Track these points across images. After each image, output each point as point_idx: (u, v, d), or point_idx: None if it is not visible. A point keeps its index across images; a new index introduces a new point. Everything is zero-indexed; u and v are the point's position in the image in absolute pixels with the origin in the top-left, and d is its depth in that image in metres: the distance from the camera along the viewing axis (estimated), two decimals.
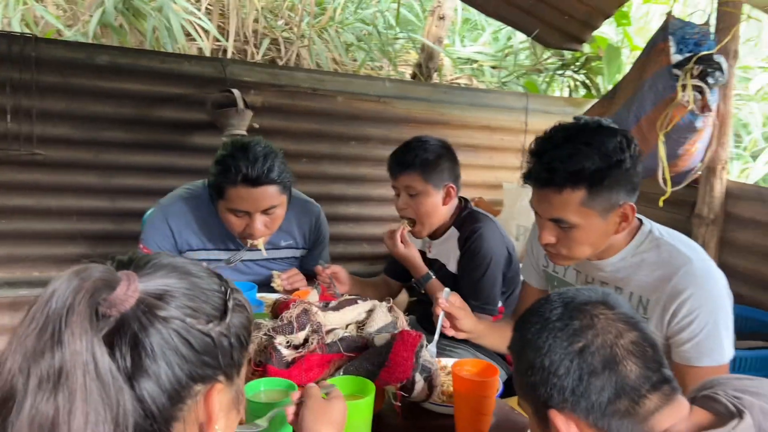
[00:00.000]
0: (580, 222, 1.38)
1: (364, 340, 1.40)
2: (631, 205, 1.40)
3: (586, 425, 0.88)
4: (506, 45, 5.20)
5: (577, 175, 1.34)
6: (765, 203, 2.56)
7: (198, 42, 3.95)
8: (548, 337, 0.90)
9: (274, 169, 1.83)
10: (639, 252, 1.47)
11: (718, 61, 2.35)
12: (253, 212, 1.86)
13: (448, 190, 2.02)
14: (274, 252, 2.11)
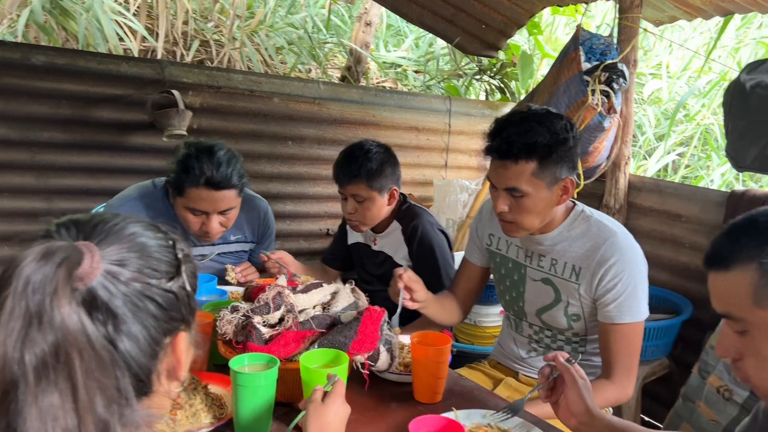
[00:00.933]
0: (530, 191, 1.61)
1: (332, 318, 1.56)
2: (571, 180, 1.66)
3: None
4: (428, 51, 5.45)
5: (531, 148, 1.58)
6: (662, 194, 2.91)
7: (126, 43, 3.93)
8: None
9: (235, 175, 1.94)
10: (573, 227, 1.73)
11: (621, 68, 2.67)
12: (211, 213, 1.95)
13: (392, 193, 2.18)
14: (225, 246, 2.21)
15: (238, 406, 1.31)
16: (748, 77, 2.36)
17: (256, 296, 1.56)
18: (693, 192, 2.84)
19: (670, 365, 2.77)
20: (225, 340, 1.50)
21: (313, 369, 1.33)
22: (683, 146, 5.09)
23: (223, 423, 1.35)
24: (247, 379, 1.30)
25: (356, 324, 1.48)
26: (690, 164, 5.13)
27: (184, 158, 1.92)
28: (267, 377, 1.31)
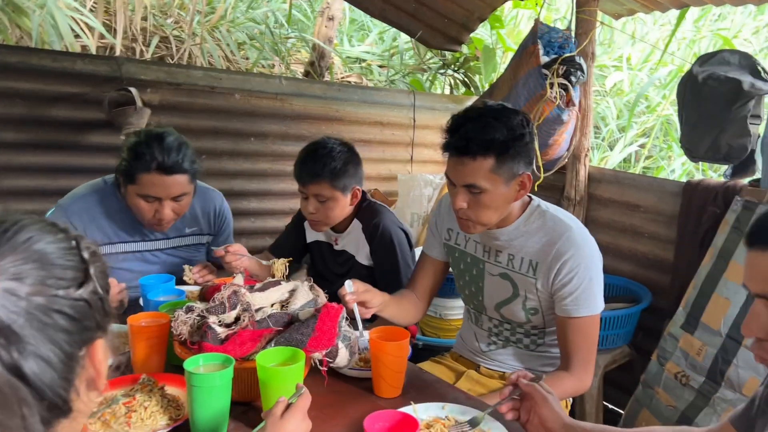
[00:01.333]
0: (488, 187, 1.62)
1: (290, 315, 1.55)
2: (528, 175, 1.67)
3: None
4: (392, 45, 5.45)
5: (489, 144, 1.58)
6: (621, 185, 2.96)
7: (83, 40, 3.85)
8: None
9: (186, 159, 1.95)
10: (529, 222, 1.74)
11: (579, 62, 2.70)
12: (164, 198, 1.95)
13: (355, 192, 2.14)
14: (181, 239, 2.20)
15: (194, 407, 1.29)
16: (701, 69, 2.41)
17: (211, 296, 1.55)
18: (650, 183, 2.89)
19: (631, 353, 2.82)
20: (180, 341, 1.48)
21: (270, 368, 1.33)
22: (645, 137, 5.18)
23: (179, 424, 1.34)
24: (202, 380, 1.29)
25: (313, 321, 1.48)
26: (652, 155, 5.23)
27: (134, 145, 1.92)
28: (222, 377, 1.30)
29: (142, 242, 2.13)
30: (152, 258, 2.17)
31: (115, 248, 2.08)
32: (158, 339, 1.57)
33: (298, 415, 1.14)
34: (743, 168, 2.47)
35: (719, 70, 2.37)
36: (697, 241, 2.49)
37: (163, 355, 1.60)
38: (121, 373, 1.57)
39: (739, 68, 2.37)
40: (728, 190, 2.41)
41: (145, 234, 2.11)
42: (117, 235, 2.08)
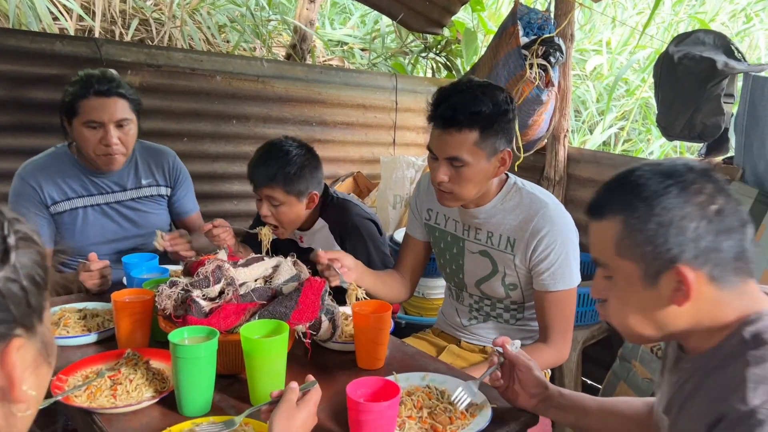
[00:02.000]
0: (471, 160, 1.64)
1: (274, 290, 1.57)
2: (508, 152, 1.70)
3: (706, 279, 0.93)
4: (374, 28, 5.44)
5: (475, 116, 1.60)
6: (599, 165, 3.01)
7: (62, 22, 3.80)
8: (687, 200, 0.93)
9: (122, 85, 2.06)
10: (506, 200, 1.77)
11: (558, 42, 2.73)
12: (107, 122, 2.02)
13: (312, 197, 2.05)
14: (138, 191, 2.24)
15: (179, 379, 1.31)
16: (676, 49, 2.45)
17: (195, 270, 1.56)
18: (628, 162, 2.94)
19: (609, 328, 2.88)
20: (165, 315, 1.50)
21: (254, 339, 1.35)
22: (624, 120, 5.25)
23: (164, 396, 1.36)
24: (187, 351, 1.30)
25: (297, 294, 1.50)
26: (631, 138, 5.30)
27: (73, 82, 2.05)
28: (207, 349, 1.32)
29: (99, 195, 2.18)
30: (113, 213, 2.21)
31: (73, 203, 2.14)
32: (142, 315, 1.59)
33: (312, 407, 1.15)
34: (717, 146, 2.52)
35: (694, 49, 2.41)
36: None
37: (147, 331, 1.61)
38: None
39: (713, 48, 2.41)
40: None
41: (102, 187, 2.17)
42: (73, 190, 2.14)
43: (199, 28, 4.50)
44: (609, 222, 1.00)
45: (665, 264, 0.94)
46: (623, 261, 0.99)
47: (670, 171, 0.97)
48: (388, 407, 1.16)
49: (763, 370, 0.86)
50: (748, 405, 0.83)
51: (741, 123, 2.24)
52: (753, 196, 2.19)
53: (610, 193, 1.03)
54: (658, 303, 0.98)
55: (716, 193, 0.95)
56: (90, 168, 2.15)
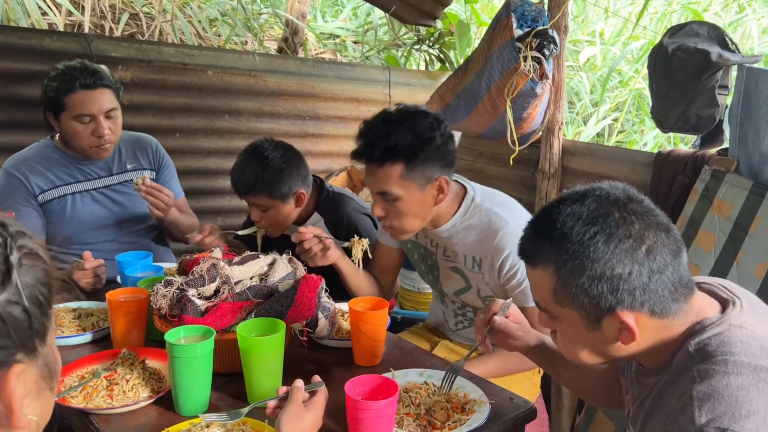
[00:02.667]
0: (401, 194, 1.59)
1: (270, 287, 1.56)
2: (445, 178, 1.62)
3: (648, 316, 0.95)
4: (366, 21, 5.41)
5: (393, 150, 1.55)
6: (593, 157, 3.00)
7: (51, 17, 3.76)
8: (615, 247, 0.92)
9: (104, 76, 2.08)
10: (465, 219, 1.71)
11: (552, 35, 2.71)
12: (97, 114, 2.05)
13: (299, 196, 2.04)
14: (124, 175, 2.27)
15: (176, 379, 1.31)
16: (670, 41, 2.44)
17: (190, 269, 1.55)
18: (622, 154, 2.93)
19: None
20: (160, 315, 1.49)
21: (251, 338, 1.35)
22: (618, 111, 5.24)
23: (161, 396, 1.36)
24: (183, 351, 1.30)
25: (293, 292, 1.50)
26: (625, 129, 5.30)
27: (53, 77, 2.04)
28: (203, 348, 1.32)
29: (86, 182, 2.20)
30: (102, 197, 2.22)
31: (61, 191, 2.15)
32: (137, 314, 1.58)
33: (320, 409, 1.16)
34: (712, 138, 2.51)
35: (688, 41, 2.40)
36: (667, 210, 2.49)
37: (143, 330, 1.61)
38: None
39: (707, 40, 2.40)
40: (697, 160, 2.46)
41: (88, 173, 2.20)
42: (60, 178, 2.15)
43: (189, 22, 4.46)
44: (541, 271, 1.00)
45: (604, 312, 0.95)
46: (563, 308, 0.99)
47: (594, 216, 0.94)
48: (386, 405, 1.16)
49: (708, 386, 0.86)
50: (695, 425, 0.83)
51: (735, 114, 2.23)
52: (748, 188, 2.19)
53: (537, 241, 1.02)
54: (605, 341, 0.99)
55: (643, 230, 0.93)
56: (74, 156, 2.18)
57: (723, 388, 0.85)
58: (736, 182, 2.24)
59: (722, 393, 0.85)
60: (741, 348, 0.90)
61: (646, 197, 1.00)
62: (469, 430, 1.26)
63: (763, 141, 2.14)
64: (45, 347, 0.63)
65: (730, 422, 0.82)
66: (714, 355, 0.90)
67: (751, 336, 0.92)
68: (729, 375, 0.86)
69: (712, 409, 0.84)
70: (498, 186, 1.91)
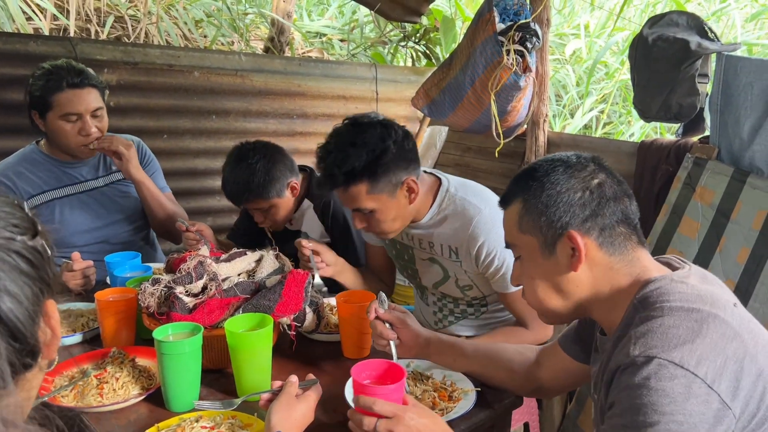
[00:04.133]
0: (376, 206, 1.62)
1: (257, 283, 1.58)
2: (412, 179, 1.65)
3: (595, 245, 1.05)
4: (352, 19, 5.42)
5: (352, 174, 1.58)
6: (579, 148, 3.00)
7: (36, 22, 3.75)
8: (572, 175, 1.06)
9: (91, 75, 2.08)
10: (441, 210, 1.74)
11: (534, 28, 2.74)
12: (84, 113, 2.05)
13: (292, 186, 2.09)
14: (111, 176, 2.29)
15: (165, 375, 1.32)
16: (650, 31, 2.47)
17: (177, 267, 1.56)
18: (607, 145, 2.97)
19: None
20: (149, 313, 1.50)
21: (239, 333, 1.36)
22: (605, 103, 5.28)
23: (151, 393, 1.37)
24: (171, 347, 1.31)
25: (280, 287, 1.51)
26: (612, 120, 5.33)
27: (40, 74, 2.05)
28: (191, 344, 1.33)
29: (73, 185, 2.21)
30: (90, 200, 2.23)
31: (48, 195, 2.16)
32: (126, 313, 1.59)
33: (312, 403, 1.18)
34: (693, 126, 2.55)
35: (668, 31, 2.43)
36: (652, 199, 2.57)
37: (132, 329, 1.62)
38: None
39: (687, 29, 2.44)
40: (680, 148, 2.50)
41: (75, 177, 2.21)
42: (47, 183, 2.16)
43: (175, 23, 4.46)
44: (513, 206, 1.14)
45: (558, 232, 1.06)
46: (525, 236, 1.11)
47: (560, 157, 1.11)
48: (394, 390, 1.14)
49: (644, 327, 0.95)
50: (629, 356, 0.92)
51: (715, 102, 2.27)
52: (729, 174, 2.22)
53: (513, 184, 1.15)
54: (558, 270, 1.08)
55: (598, 170, 1.08)
56: (60, 160, 2.19)
57: (656, 327, 0.94)
58: (717, 169, 2.27)
59: (655, 331, 0.93)
60: (677, 296, 0.98)
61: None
62: (456, 416, 1.27)
63: (743, 128, 2.17)
64: (55, 292, 0.73)
65: (658, 352, 0.90)
66: (653, 304, 0.99)
67: (690, 288, 1.00)
68: (663, 317, 0.95)
69: (644, 344, 0.92)
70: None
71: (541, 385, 1.39)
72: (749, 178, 2.15)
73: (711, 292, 1.00)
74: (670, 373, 0.88)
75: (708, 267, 2.21)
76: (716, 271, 2.18)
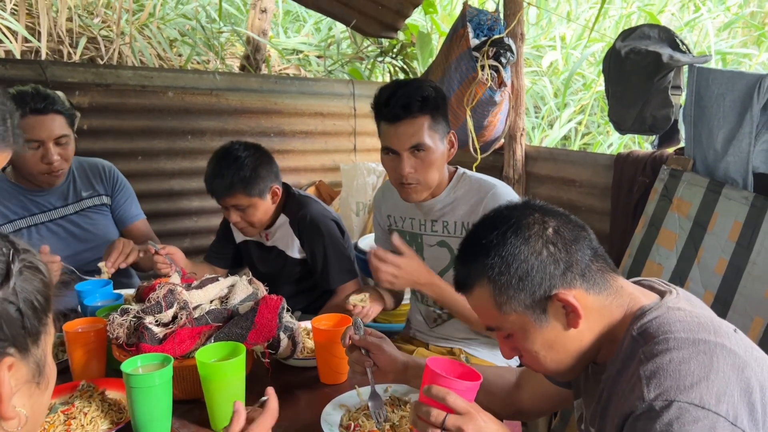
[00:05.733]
0: (431, 144, 1.73)
1: (230, 311, 1.54)
2: (453, 132, 1.81)
3: (583, 293, 1.00)
4: (328, 35, 5.41)
5: (426, 101, 1.71)
6: (556, 161, 3.04)
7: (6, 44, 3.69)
8: (527, 238, 1.00)
9: (57, 102, 2.04)
10: (457, 188, 1.86)
11: (508, 43, 2.75)
12: (47, 140, 2.01)
13: (274, 191, 2.10)
14: (80, 203, 2.24)
15: (135, 408, 1.28)
16: (623, 44, 2.49)
17: (146, 296, 1.52)
18: (583, 157, 2.97)
19: None
20: (118, 344, 1.46)
21: (210, 363, 1.32)
22: (583, 114, 5.31)
23: (121, 427, 1.33)
24: (140, 380, 1.27)
25: (252, 314, 1.48)
26: (591, 130, 5.36)
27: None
28: (161, 376, 1.29)
29: (41, 214, 2.16)
30: (59, 229, 2.18)
31: (15, 225, 2.11)
32: (96, 344, 1.54)
33: (268, 419, 1.07)
34: (668, 138, 2.56)
35: (640, 44, 2.45)
36: (629, 211, 2.58)
37: (103, 360, 1.57)
38: None
39: (658, 41, 2.45)
40: (656, 160, 2.50)
41: (43, 205, 2.16)
42: (14, 212, 2.12)
43: (149, 43, 4.42)
44: (479, 290, 1.05)
45: (544, 299, 1.00)
46: (509, 316, 1.03)
47: (497, 220, 1.04)
48: (470, 388, 1.08)
49: (653, 364, 0.91)
50: (645, 401, 0.88)
51: (689, 114, 2.28)
52: (704, 186, 2.23)
53: (464, 265, 1.07)
54: (557, 333, 1.02)
55: (544, 216, 1.03)
56: (27, 187, 2.14)
57: (666, 364, 0.89)
58: (693, 180, 2.28)
59: (666, 368, 0.89)
60: (679, 326, 0.94)
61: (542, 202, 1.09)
62: None
63: (717, 139, 2.18)
64: (38, 350, 0.71)
65: (676, 394, 0.86)
66: (656, 336, 0.95)
67: (688, 315, 0.97)
68: (671, 351, 0.91)
69: (658, 385, 0.88)
70: None
71: (521, 408, 1.37)
72: (724, 189, 2.15)
73: (710, 318, 0.98)
74: (692, 416, 0.84)
75: (687, 278, 2.21)
76: (695, 282, 2.18)
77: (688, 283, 2.20)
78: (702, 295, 2.13)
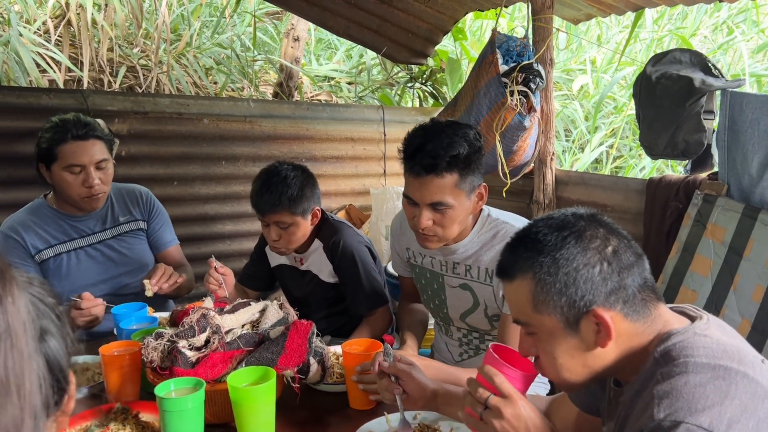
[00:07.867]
0: (454, 203, 1.63)
1: (261, 335, 1.57)
2: (484, 185, 1.71)
3: (621, 317, 1.00)
4: (359, 62, 5.50)
5: (454, 160, 1.60)
6: (587, 186, 3.02)
7: (50, 74, 3.85)
8: (585, 248, 0.99)
9: (97, 128, 2.12)
10: (482, 233, 1.77)
11: (537, 68, 2.76)
12: (88, 165, 2.08)
13: (315, 213, 2.14)
14: (118, 228, 2.30)
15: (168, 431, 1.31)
16: (654, 69, 2.48)
17: (180, 320, 1.56)
18: (615, 182, 2.95)
19: None
20: (152, 368, 1.49)
21: (241, 388, 1.35)
22: (614, 137, 5.27)
23: None
24: (173, 404, 1.30)
25: (283, 339, 1.50)
26: (622, 154, 5.31)
27: (48, 128, 2.10)
28: (193, 400, 1.32)
29: (80, 239, 2.22)
30: (96, 253, 2.24)
31: (56, 249, 2.18)
32: (131, 367, 1.58)
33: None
34: (701, 163, 2.53)
35: (671, 68, 2.44)
36: (663, 237, 2.54)
37: (137, 383, 1.61)
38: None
39: (690, 66, 2.44)
40: (689, 185, 2.47)
41: (82, 230, 2.22)
42: (54, 237, 2.18)
43: (186, 71, 4.55)
44: (520, 281, 1.05)
45: (581, 311, 0.99)
46: (542, 316, 1.03)
47: (563, 223, 1.03)
48: (521, 377, 1.12)
49: (668, 385, 0.90)
50: (654, 420, 0.87)
51: (722, 139, 2.25)
52: (740, 211, 2.19)
53: (514, 254, 1.08)
54: (583, 347, 1.02)
55: (608, 234, 1.02)
56: (68, 213, 2.21)
57: (681, 386, 0.89)
58: (727, 206, 2.24)
59: (680, 390, 0.88)
60: (702, 351, 0.93)
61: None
62: None
63: (752, 164, 2.15)
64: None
65: (684, 415, 0.85)
66: (676, 358, 0.94)
67: (715, 342, 0.95)
68: (688, 374, 0.90)
69: (669, 405, 0.87)
70: None
71: None
72: (761, 215, 2.11)
73: (737, 347, 0.96)
74: None
75: (723, 306, 2.17)
76: (731, 309, 2.13)
77: (724, 311, 2.15)
78: (739, 323, 2.08)
